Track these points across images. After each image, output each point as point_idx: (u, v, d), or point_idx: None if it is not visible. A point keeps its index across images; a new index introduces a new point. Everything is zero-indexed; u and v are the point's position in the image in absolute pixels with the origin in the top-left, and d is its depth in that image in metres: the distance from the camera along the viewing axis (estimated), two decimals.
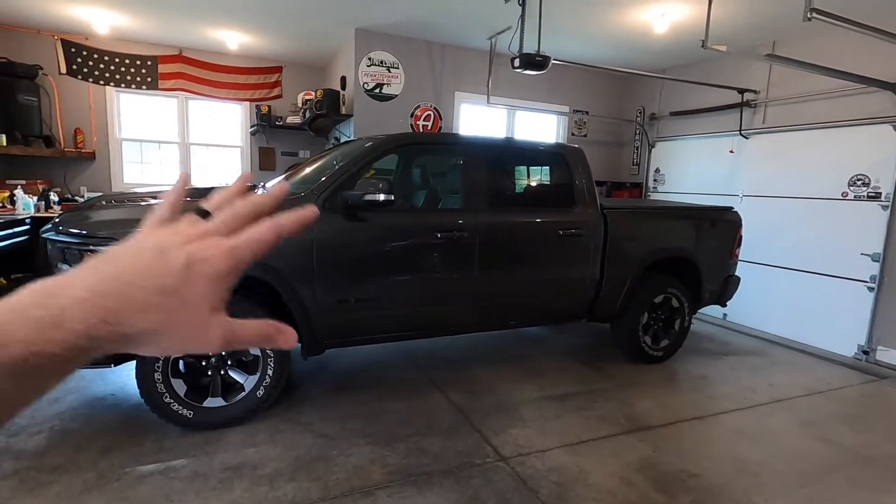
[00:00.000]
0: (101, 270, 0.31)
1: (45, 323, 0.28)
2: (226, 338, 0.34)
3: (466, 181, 3.11)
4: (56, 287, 0.30)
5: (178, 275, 0.32)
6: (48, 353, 0.28)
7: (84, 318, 0.29)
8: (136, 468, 2.18)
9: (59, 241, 2.36)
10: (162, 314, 0.31)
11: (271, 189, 0.39)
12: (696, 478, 2.33)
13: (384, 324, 2.90)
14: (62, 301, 0.29)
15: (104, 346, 0.30)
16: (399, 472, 2.24)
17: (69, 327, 0.28)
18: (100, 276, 0.31)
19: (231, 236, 0.35)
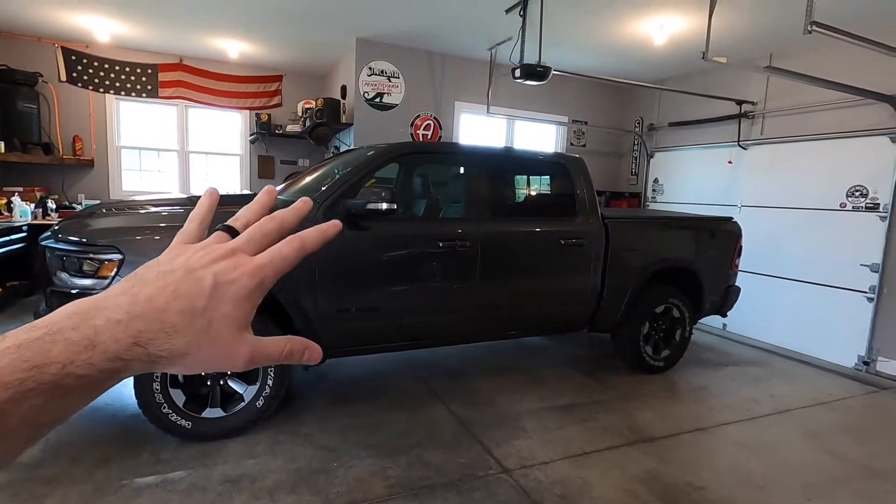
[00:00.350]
0: (133, 292, 0.32)
1: (80, 345, 0.28)
2: (252, 356, 0.35)
3: (468, 190, 3.11)
4: (91, 308, 0.30)
5: (205, 296, 0.32)
6: (81, 374, 0.28)
7: (116, 340, 0.29)
8: (134, 480, 2.14)
9: (59, 248, 2.33)
10: (191, 336, 0.32)
11: (295, 205, 0.40)
12: (700, 490, 2.30)
13: (385, 333, 2.88)
14: (97, 322, 0.29)
15: (134, 368, 0.31)
16: (401, 485, 2.21)
17: (102, 349, 0.29)
18: (132, 298, 0.31)
19: (257, 254, 0.36)
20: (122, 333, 0.30)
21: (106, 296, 0.32)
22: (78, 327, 0.29)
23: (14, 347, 0.27)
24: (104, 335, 0.29)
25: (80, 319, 0.30)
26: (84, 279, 2.26)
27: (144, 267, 0.35)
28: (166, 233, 2.40)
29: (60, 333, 0.29)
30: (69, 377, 0.28)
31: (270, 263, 0.35)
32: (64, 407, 0.29)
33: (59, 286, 2.30)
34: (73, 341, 0.28)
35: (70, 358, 0.28)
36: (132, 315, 0.30)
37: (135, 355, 0.30)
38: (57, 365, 0.28)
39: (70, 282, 2.27)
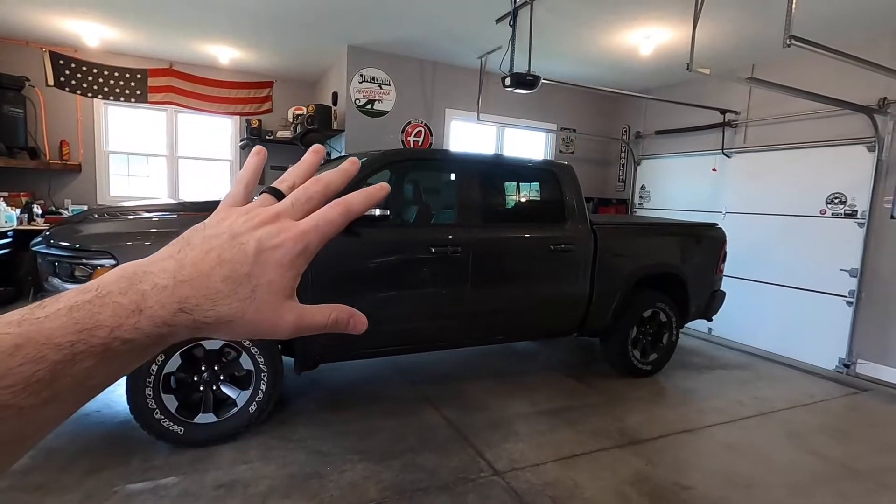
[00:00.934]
0: (179, 257, 0.32)
1: (128, 309, 0.28)
2: (297, 324, 0.34)
3: (459, 197, 3.15)
4: (138, 272, 0.30)
5: (249, 262, 0.32)
6: (128, 338, 0.28)
7: (163, 304, 0.29)
8: (125, 486, 2.13)
9: (50, 254, 2.33)
10: (235, 303, 0.31)
11: (342, 165, 0.39)
12: (689, 490, 2.35)
13: (378, 338, 2.90)
14: (143, 287, 0.30)
15: (180, 333, 0.31)
16: (394, 489, 2.22)
17: (149, 314, 0.29)
18: (178, 263, 0.31)
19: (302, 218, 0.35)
20: (168, 299, 0.29)
21: (153, 260, 0.32)
22: (125, 292, 0.29)
23: (66, 309, 0.28)
24: (151, 300, 0.29)
25: (128, 284, 0.29)
26: (76, 285, 2.25)
27: (192, 230, 0.34)
28: (158, 238, 2.40)
29: (109, 297, 0.29)
30: (117, 341, 0.28)
31: (315, 228, 0.34)
32: (112, 370, 0.29)
33: (50, 292, 2.29)
34: (121, 305, 0.28)
35: (118, 322, 0.28)
36: (178, 280, 0.30)
37: (180, 321, 0.30)
38: (105, 329, 0.28)
39: (62, 287, 2.26)
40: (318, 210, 0.35)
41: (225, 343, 2.47)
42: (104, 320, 0.28)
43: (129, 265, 0.31)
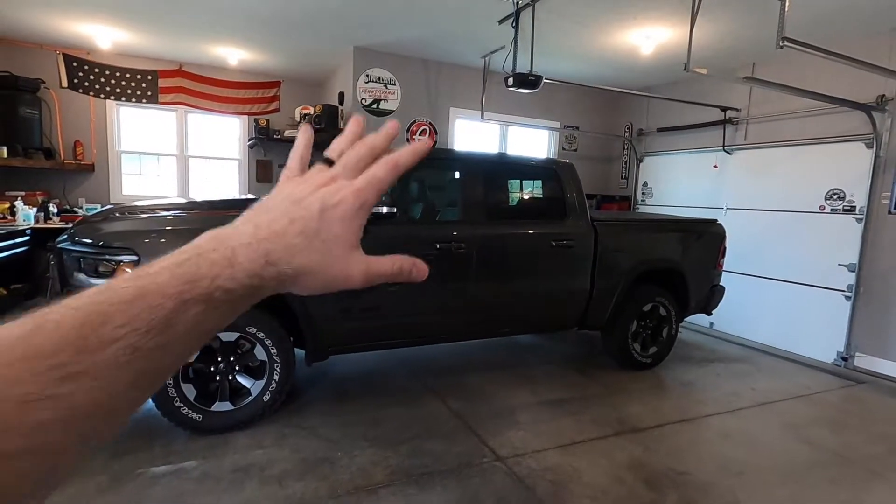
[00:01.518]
0: (256, 221, 0.36)
1: (222, 263, 0.33)
2: (366, 273, 0.38)
3: (464, 195, 3.26)
4: (225, 235, 0.35)
5: (316, 218, 0.36)
6: (227, 287, 0.33)
7: (251, 258, 0.34)
8: (149, 469, 2.26)
9: (75, 250, 2.45)
10: (311, 254, 0.35)
11: (384, 128, 0.42)
12: (683, 476, 2.46)
13: (385, 331, 3.01)
14: (232, 244, 0.34)
15: (269, 285, 0.35)
16: (401, 473, 2.34)
17: (241, 266, 0.33)
18: (256, 225, 0.36)
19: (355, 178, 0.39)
20: (254, 253, 0.34)
21: (235, 225, 0.36)
22: (217, 249, 0.33)
23: (173, 265, 0.32)
24: (240, 255, 0.33)
25: (218, 243, 0.34)
26: (101, 280, 2.38)
27: (262, 200, 0.39)
28: (175, 235, 2.52)
29: (206, 254, 0.33)
30: (218, 290, 0.32)
31: (369, 185, 0.38)
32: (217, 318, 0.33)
33: (76, 287, 2.41)
34: (216, 260, 0.33)
35: (217, 272, 0.32)
36: (259, 238, 0.35)
37: (268, 273, 0.34)
38: (207, 279, 0.32)
39: (87, 282, 2.39)
40: (369, 169, 0.39)
41: (240, 335, 2.59)
42: (204, 272, 0.32)
43: (217, 230, 0.36)
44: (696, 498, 2.28)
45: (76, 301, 0.30)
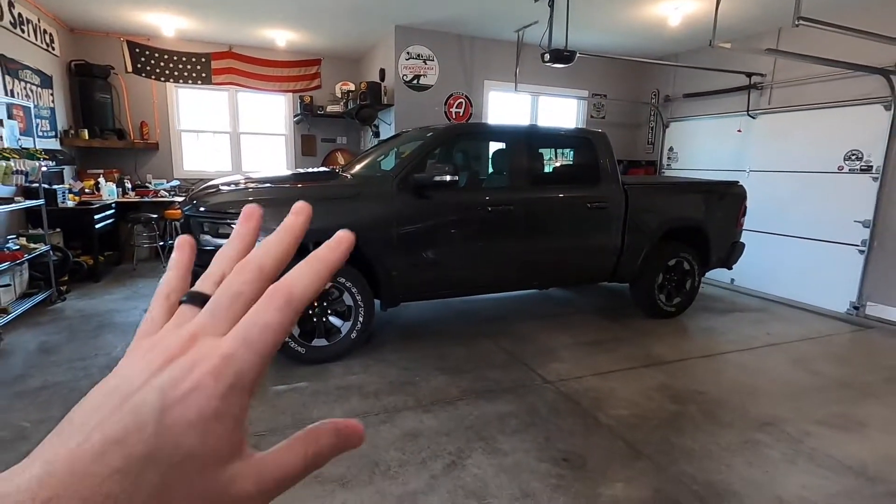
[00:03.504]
0: (50, 457, 0.20)
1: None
2: (261, 488, 0.22)
3: (511, 163, 3.71)
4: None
5: (149, 432, 0.20)
6: None
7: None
8: (273, 387, 2.87)
9: (198, 216, 3.02)
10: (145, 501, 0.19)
11: (285, 221, 0.27)
12: (702, 394, 2.96)
13: (447, 282, 3.55)
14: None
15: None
16: (471, 391, 2.91)
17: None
18: (45, 468, 0.19)
19: (228, 330, 0.23)
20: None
21: (17, 471, 0.19)
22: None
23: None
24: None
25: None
26: (223, 240, 2.95)
27: (84, 398, 0.22)
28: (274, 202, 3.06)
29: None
30: None
31: (245, 343, 0.22)
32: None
33: (203, 246, 2.99)
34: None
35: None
36: (40, 500, 0.18)
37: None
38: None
39: (214, 242, 2.96)
40: (247, 313, 0.23)
41: (332, 283, 3.15)
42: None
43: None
44: (712, 409, 2.79)
45: None
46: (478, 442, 2.38)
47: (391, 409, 2.66)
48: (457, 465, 2.20)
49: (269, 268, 0.25)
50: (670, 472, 2.22)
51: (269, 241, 0.26)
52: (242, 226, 0.28)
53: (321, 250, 0.25)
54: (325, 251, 0.25)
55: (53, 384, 2.87)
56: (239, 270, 0.25)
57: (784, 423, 2.67)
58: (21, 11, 4.80)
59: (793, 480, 2.18)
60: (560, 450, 2.34)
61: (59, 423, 0.21)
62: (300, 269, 0.24)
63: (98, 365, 3.14)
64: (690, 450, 2.39)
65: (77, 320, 3.98)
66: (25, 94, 4.87)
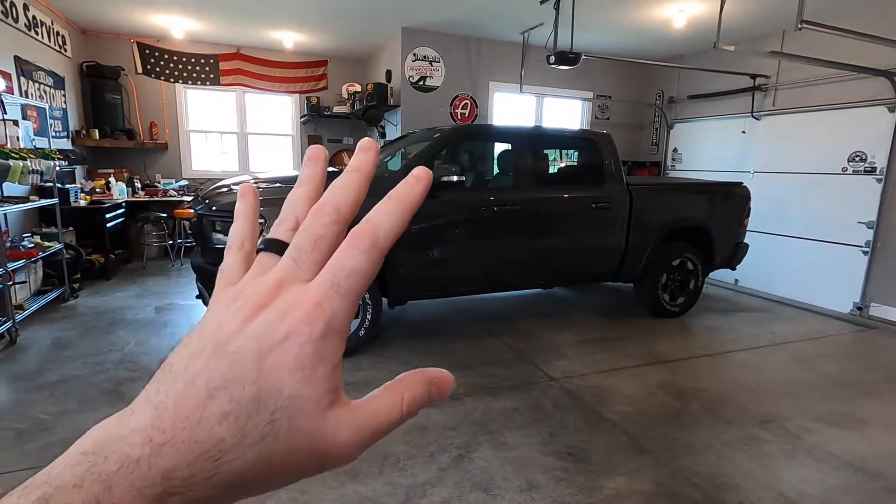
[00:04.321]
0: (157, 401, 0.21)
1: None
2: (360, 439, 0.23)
3: (517, 164, 3.76)
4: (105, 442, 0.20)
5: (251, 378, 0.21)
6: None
7: (138, 492, 0.19)
8: None
9: (212, 215, 3.09)
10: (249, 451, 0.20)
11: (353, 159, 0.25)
12: (704, 392, 3.01)
13: (453, 281, 3.61)
14: (109, 467, 0.19)
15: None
16: (477, 387, 2.96)
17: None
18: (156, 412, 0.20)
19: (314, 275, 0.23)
20: (142, 478, 0.19)
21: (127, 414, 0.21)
22: (82, 482, 0.18)
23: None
24: (118, 487, 0.18)
25: (88, 467, 0.19)
26: None
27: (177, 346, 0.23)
28: None
29: (59, 496, 0.18)
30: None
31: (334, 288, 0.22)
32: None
33: (215, 244, 3.06)
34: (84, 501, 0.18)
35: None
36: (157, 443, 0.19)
37: None
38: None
39: (225, 241, 3.03)
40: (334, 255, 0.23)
41: None
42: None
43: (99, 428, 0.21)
44: (714, 406, 2.84)
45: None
46: (484, 436, 2.44)
47: None
48: (464, 458, 2.26)
49: (346, 210, 0.24)
50: (672, 466, 2.27)
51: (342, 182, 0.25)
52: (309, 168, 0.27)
53: (400, 187, 0.24)
54: (404, 188, 0.24)
55: (70, 378, 2.95)
56: (316, 213, 0.24)
57: (784, 420, 2.71)
58: (35, 14, 4.90)
59: (792, 475, 2.23)
60: (564, 444, 2.40)
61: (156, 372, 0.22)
62: (381, 209, 0.23)
63: (112, 360, 3.22)
64: (692, 445, 2.44)
65: (90, 317, 4.07)
66: (39, 94, 4.96)
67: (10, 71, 4.40)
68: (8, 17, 4.38)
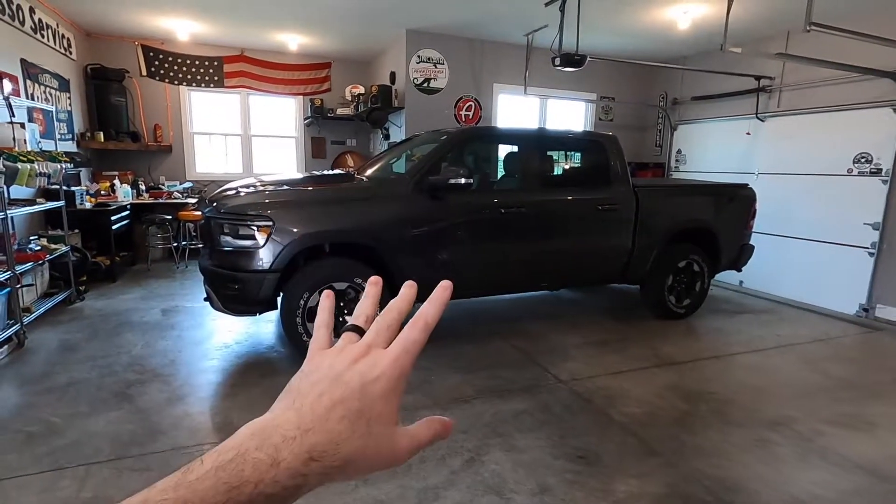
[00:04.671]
0: (297, 406, 0.33)
1: (266, 463, 0.30)
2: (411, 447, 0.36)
3: (523, 166, 3.76)
4: (267, 427, 0.32)
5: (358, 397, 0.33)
6: (270, 492, 0.30)
7: (295, 455, 0.31)
8: None
9: (221, 218, 3.09)
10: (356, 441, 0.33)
11: (403, 292, 0.42)
12: (712, 394, 3.01)
13: (460, 283, 3.59)
14: (275, 440, 0.31)
15: (311, 483, 0.31)
16: (486, 390, 2.96)
17: (285, 466, 0.30)
18: (298, 412, 0.33)
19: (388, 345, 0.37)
20: (298, 448, 0.31)
21: (275, 414, 0.33)
22: (261, 447, 0.30)
23: (213, 470, 0.29)
24: (284, 452, 0.30)
25: (261, 439, 0.31)
26: (243, 241, 3.03)
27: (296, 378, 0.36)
28: (294, 203, 3.13)
29: (248, 454, 0.30)
30: (261, 496, 0.29)
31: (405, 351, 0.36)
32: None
33: (223, 246, 3.06)
34: (260, 460, 0.30)
35: (260, 477, 0.29)
36: (303, 429, 0.32)
37: (311, 469, 0.31)
38: (250, 485, 0.29)
39: (234, 243, 3.03)
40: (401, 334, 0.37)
41: (349, 284, 3.21)
42: (248, 476, 0.29)
43: (257, 422, 0.33)
44: (722, 408, 2.84)
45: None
46: (495, 439, 2.44)
47: (409, 408, 2.72)
48: (475, 461, 2.26)
49: (404, 311, 0.41)
50: (683, 468, 2.27)
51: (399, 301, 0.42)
52: (372, 288, 0.46)
53: (437, 292, 0.39)
54: (439, 292, 0.39)
55: (79, 381, 2.95)
56: (388, 312, 0.40)
57: (794, 422, 2.71)
58: (41, 17, 4.91)
59: (804, 477, 2.23)
60: (575, 446, 2.40)
61: (285, 391, 0.36)
62: (428, 307, 0.39)
63: (121, 363, 3.22)
64: (702, 447, 2.44)
65: (97, 319, 4.07)
66: (45, 97, 4.97)
67: (16, 74, 4.41)
68: (14, 20, 4.39)
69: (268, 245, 3.00)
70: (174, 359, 3.33)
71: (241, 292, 3.05)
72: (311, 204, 3.16)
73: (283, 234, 3.03)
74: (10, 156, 3.42)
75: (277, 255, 3.02)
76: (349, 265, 3.21)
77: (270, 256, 3.02)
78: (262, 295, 3.04)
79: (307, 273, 3.14)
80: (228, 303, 3.13)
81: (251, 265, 3.04)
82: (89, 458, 2.19)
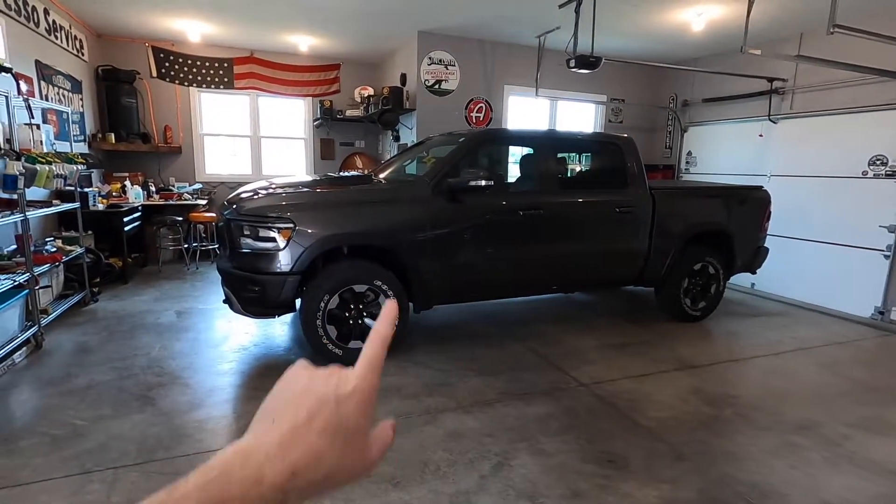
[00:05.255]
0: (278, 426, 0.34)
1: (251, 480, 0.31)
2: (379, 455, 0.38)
3: (540, 168, 3.75)
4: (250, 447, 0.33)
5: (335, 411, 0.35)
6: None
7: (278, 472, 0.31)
8: None
9: (241, 220, 3.08)
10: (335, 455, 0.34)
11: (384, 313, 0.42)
12: (735, 398, 2.99)
13: (479, 286, 3.59)
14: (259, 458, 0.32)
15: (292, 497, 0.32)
16: (507, 393, 2.95)
17: (268, 482, 0.31)
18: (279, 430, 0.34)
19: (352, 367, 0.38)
20: (280, 465, 0.32)
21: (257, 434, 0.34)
22: (245, 465, 0.31)
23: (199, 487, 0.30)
24: (267, 469, 0.31)
25: (244, 457, 0.32)
26: (264, 243, 3.02)
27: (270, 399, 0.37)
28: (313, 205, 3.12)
29: (233, 472, 0.31)
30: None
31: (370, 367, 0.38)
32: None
33: (243, 248, 3.05)
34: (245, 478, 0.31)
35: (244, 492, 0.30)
36: (285, 447, 0.33)
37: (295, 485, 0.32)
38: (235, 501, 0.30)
39: (254, 245, 3.02)
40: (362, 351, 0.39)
41: (368, 287, 3.20)
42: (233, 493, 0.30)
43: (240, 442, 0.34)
44: (747, 412, 2.82)
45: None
46: (521, 443, 2.43)
47: (433, 410, 2.71)
48: (504, 466, 2.24)
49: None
50: (713, 473, 2.25)
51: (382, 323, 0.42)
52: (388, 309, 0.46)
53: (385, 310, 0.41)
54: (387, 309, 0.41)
55: (99, 383, 2.94)
56: None
57: (820, 426, 2.69)
58: (55, 18, 4.91)
59: (836, 482, 2.21)
60: (603, 451, 2.38)
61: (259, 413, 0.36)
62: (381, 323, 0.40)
63: (139, 365, 3.21)
64: (731, 452, 2.42)
65: (112, 321, 4.06)
66: (58, 98, 4.97)
67: (31, 75, 4.41)
68: (30, 22, 4.39)
69: (289, 247, 2.99)
70: (192, 361, 3.32)
71: (261, 295, 3.04)
72: (331, 206, 3.15)
73: (303, 236, 3.02)
74: (29, 157, 3.41)
75: (298, 257, 3.01)
76: (369, 267, 3.20)
77: (291, 258, 3.01)
78: (283, 297, 3.03)
79: (327, 275, 3.13)
80: (249, 305, 3.12)
81: (272, 267, 3.03)
82: (116, 462, 2.17)
